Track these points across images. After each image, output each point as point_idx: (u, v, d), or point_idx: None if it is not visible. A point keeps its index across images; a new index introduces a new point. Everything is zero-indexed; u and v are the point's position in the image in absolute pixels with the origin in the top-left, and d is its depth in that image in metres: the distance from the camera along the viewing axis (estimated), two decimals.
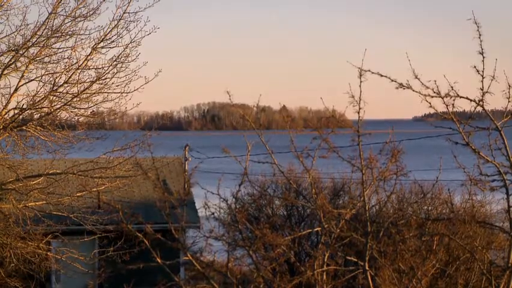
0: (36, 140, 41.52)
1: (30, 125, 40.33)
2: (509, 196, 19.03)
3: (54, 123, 41.06)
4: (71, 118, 41.52)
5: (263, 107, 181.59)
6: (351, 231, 18.73)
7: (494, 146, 18.85)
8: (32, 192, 40.57)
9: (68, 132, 41.87)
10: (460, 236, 20.71)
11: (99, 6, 39.53)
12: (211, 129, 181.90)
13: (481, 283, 18.21)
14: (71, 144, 42.56)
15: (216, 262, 23.07)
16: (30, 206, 40.30)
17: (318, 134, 20.96)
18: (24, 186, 40.54)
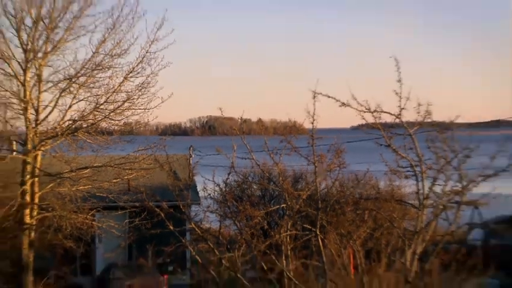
0: (84, 143, 41.78)
1: (80, 132, 40.79)
2: (418, 182, 19.25)
3: (96, 131, 41.48)
4: (109, 127, 42.06)
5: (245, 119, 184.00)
6: (307, 207, 18.87)
7: (407, 147, 19.07)
8: (81, 179, 40.84)
9: (107, 137, 42.30)
10: (383, 210, 20.94)
11: (129, 48, 40.01)
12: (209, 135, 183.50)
13: (398, 243, 18.45)
14: (108, 146, 42.89)
15: (212, 229, 23.35)
16: (80, 189, 40.67)
17: (284, 138, 21.23)
18: (76, 175, 40.79)
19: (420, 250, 18.68)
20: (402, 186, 19.85)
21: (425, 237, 19.09)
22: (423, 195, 19.30)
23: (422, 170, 19.03)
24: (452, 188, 19.00)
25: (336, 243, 18.03)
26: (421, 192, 19.25)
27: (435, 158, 18.99)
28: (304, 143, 20.38)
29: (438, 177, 18.83)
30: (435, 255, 19.11)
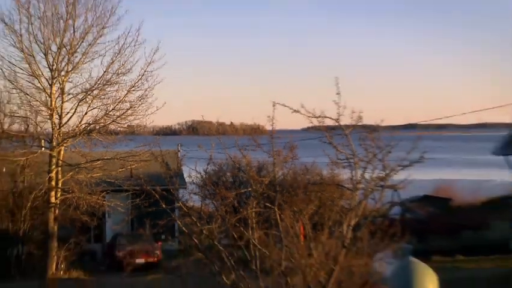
0: (97, 141, 42.48)
1: (93, 132, 41.57)
2: (352, 171, 19.45)
3: (106, 132, 42.29)
4: (116, 129, 43.14)
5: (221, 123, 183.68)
6: (268, 190, 19.00)
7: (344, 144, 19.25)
8: (94, 169, 41.40)
9: (114, 136, 42.99)
10: (326, 192, 21.12)
11: (131, 68, 41.11)
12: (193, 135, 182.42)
13: (337, 217, 18.57)
14: (115, 143, 43.43)
15: (195, 206, 23.41)
16: (93, 176, 41.13)
17: (250, 137, 21.38)
18: (90, 165, 41.28)
19: (353, 222, 18.84)
20: (340, 174, 20.06)
21: (358, 212, 19.28)
22: (356, 180, 19.50)
23: (355, 162, 19.20)
24: (378, 175, 19.20)
25: (290, 217, 18.13)
26: (354, 179, 19.42)
27: (365, 152, 19.20)
28: (266, 141, 20.58)
29: (367, 167, 19.02)
30: (365, 226, 19.30)
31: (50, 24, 40.74)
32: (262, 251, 17.76)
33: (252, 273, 17.55)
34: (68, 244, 40.72)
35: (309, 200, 19.03)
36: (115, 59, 40.59)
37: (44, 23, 40.73)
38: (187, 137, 68.09)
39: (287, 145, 20.32)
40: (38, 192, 39.96)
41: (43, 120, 41.47)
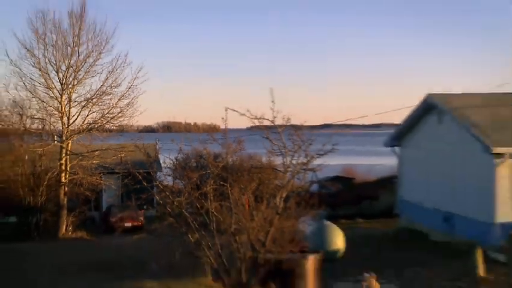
0: (95, 136, 42.64)
1: (93, 130, 41.73)
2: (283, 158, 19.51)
3: (103, 129, 42.37)
4: (110, 127, 43.20)
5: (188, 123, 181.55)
6: (222, 172, 19.00)
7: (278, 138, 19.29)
8: (94, 156, 41.67)
9: (108, 133, 43.27)
10: (264, 173, 21.24)
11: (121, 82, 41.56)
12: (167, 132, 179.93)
13: (272, 191, 18.60)
14: (109, 138, 43.70)
15: (168, 185, 23.38)
16: (93, 162, 41.45)
17: (209, 134, 21.37)
18: (91, 154, 41.55)
19: (284, 195, 18.87)
20: (274, 161, 20.14)
21: (287, 188, 19.31)
22: (286, 165, 19.55)
23: (285, 152, 19.22)
24: (302, 161, 19.24)
25: (237, 192, 18.14)
26: (285, 164, 19.50)
27: (292, 145, 19.22)
28: (220, 136, 20.62)
29: (294, 155, 19.04)
30: (293, 198, 19.32)
31: (60, 50, 41.18)
32: (218, 217, 17.77)
33: (210, 233, 17.56)
34: (74, 212, 40.94)
35: (252, 180, 19.07)
36: (109, 76, 41.63)
37: (56, 49, 41.15)
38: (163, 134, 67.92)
39: (236, 139, 20.35)
40: (52, 174, 40.39)
41: (55, 121, 41.76)
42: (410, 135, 37.90)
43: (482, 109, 31.87)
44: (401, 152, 39.53)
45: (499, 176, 28.11)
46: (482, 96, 34.34)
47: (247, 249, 17.56)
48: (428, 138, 35.52)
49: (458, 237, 30.22)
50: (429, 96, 34.23)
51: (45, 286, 21.91)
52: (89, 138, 42.22)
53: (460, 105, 32.28)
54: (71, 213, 40.65)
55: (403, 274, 25.62)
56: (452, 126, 31.82)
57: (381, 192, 46.51)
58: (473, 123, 30.01)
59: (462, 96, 34.11)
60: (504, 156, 27.75)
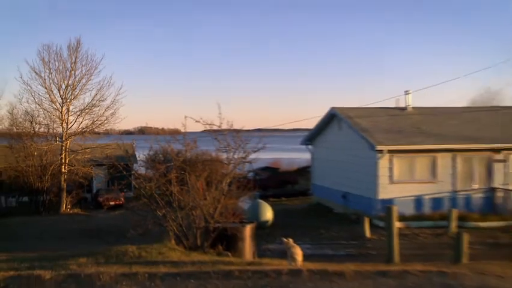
0: (87, 137, 42.06)
1: (86, 133, 41.22)
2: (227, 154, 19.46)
3: (93, 132, 41.85)
4: (98, 131, 42.57)
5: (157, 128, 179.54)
6: (182, 164, 18.83)
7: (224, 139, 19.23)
8: (86, 152, 41.28)
9: (97, 135, 42.75)
10: (213, 165, 21.07)
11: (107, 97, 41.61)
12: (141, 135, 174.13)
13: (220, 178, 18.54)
14: (98, 138, 43.19)
15: (142, 174, 23.09)
16: (86, 157, 40.85)
17: (172, 136, 21.15)
18: (84, 151, 41.14)
19: (228, 181, 18.81)
20: (221, 155, 19.94)
21: (230, 176, 19.25)
22: (229, 159, 19.47)
23: (229, 149, 19.14)
24: (241, 156, 19.19)
25: (194, 179, 18.03)
26: (229, 157, 19.42)
27: (234, 143, 19.12)
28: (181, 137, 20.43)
29: (236, 151, 18.95)
30: (234, 183, 19.26)
31: (61, 73, 41.29)
32: (179, 197, 17.61)
33: (173, 209, 17.39)
34: (72, 194, 40.73)
35: (204, 170, 19.02)
36: (97, 93, 42.23)
37: (58, 72, 41.38)
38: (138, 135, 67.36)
39: (192, 140, 20.18)
40: (55, 166, 40.53)
41: (57, 126, 42.17)
42: (319, 137, 38.26)
43: (369, 118, 32.42)
44: (313, 149, 39.85)
45: (380, 166, 28.79)
46: (369, 109, 34.99)
47: (201, 221, 17.45)
48: (331, 139, 35.96)
49: (352, 210, 30.79)
50: (332, 108, 34.68)
51: (53, 247, 21.57)
52: (82, 139, 42.53)
53: (353, 116, 32.77)
54: (69, 195, 40.71)
55: (314, 235, 25.85)
56: (348, 131, 32.26)
57: (299, 178, 46.91)
58: (363, 128, 30.58)
59: (355, 109, 34.65)
60: (383, 152, 28.52)
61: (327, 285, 11.07)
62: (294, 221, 30.22)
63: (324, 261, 16.47)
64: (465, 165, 29.90)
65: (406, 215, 27.51)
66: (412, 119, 33.54)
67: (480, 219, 27.78)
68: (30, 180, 39.54)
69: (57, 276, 11.81)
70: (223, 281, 11.44)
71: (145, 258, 14.69)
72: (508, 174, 30.23)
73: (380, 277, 11.80)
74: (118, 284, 11.20)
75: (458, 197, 29.76)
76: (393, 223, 17.89)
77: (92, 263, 13.93)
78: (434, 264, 14.73)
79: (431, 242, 23.88)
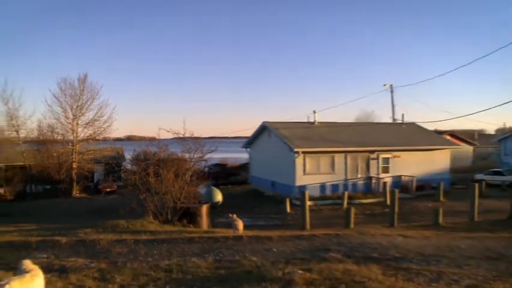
0: (91, 143, 40.79)
1: (89, 140, 39.91)
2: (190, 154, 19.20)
3: (94, 139, 40.60)
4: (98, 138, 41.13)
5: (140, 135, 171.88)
6: (157, 162, 18.50)
7: (187, 144, 18.99)
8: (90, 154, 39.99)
9: (97, 141, 41.46)
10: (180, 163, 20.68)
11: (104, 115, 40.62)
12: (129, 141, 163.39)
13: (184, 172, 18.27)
14: (98, 144, 41.95)
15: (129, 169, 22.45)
16: (89, 157, 39.61)
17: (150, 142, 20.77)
18: (88, 153, 39.92)
19: (190, 174, 18.54)
20: (185, 155, 19.60)
21: (192, 170, 19.01)
22: (191, 157, 19.24)
23: (191, 150, 18.89)
24: (199, 155, 18.97)
25: (166, 172, 17.68)
26: (190, 157, 19.19)
27: (195, 147, 18.88)
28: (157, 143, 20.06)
29: (195, 152, 18.73)
30: (195, 175, 19.02)
31: (73, 98, 40.38)
32: (155, 185, 17.29)
33: (151, 194, 17.06)
34: (80, 183, 39.68)
35: (173, 165, 18.59)
36: (98, 111, 41.02)
37: (71, 97, 40.49)
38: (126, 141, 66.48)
39: (165, 144, 19.87)
40: (68, 163, 39.34)
41: (70, 135, 41.03)
42: (255, 142, 38.18)
43: (289, 129, 32.52)
44: (250, 151, 39.71)
45: (297, 163, 28.88)
46: (289, 123, 35.09)
47: (171, 202, 17.16)
48: (264, 144, 35.93)
49: (278, 193, 30.73)
50: (263, 122, 34.69)
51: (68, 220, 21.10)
52: (87, 144, 41.54)
53: (279, 127, 32.86)
54: (78, 184, 39.64)
55: (252, 211, 25.75)
56: (275, 138, 32.31)
57: (241, 171, 46.57)
58: (285, 136, 30.68)
59: (280, 123, 34.67)
60: (299, 153, 28.67)
61: (260, 245, 11.06)
62: (237, 202, 30.04)
63: (258, 229, 16.53)
64: (353, 161, 30.52)
65: (315, 196, 27.79)
66: (318, 130, 33.89)
67: (362, 198, 28.51)
68: (51, 173, 38.55)
69: (70, 241, 11.94)
70: (187, 244, 11.42)
71: (132, 229, 14.63)
72: (379, 167, 31.14)
73: (297, 239, 11.88)
74: (113, 247, 11.18)
75: (349, 183, 30.35)
76: (306, 202, 18.04)
77: (94, 232, 13.94)
78: (332, 229, 15.03)
79: (331, 215, 24.15)
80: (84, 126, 41.48)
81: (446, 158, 33.10)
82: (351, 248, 10.38)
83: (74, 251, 10.79)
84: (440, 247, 10.64)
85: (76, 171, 40.00)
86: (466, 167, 47.23)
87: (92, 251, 10.74)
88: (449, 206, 24.34)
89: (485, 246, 10.93)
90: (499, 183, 34.09)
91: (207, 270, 8.28)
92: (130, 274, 8.17)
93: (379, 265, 8.34)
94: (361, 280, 7.07)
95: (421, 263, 8.62)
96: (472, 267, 8.32)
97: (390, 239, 11.81)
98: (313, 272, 7.65)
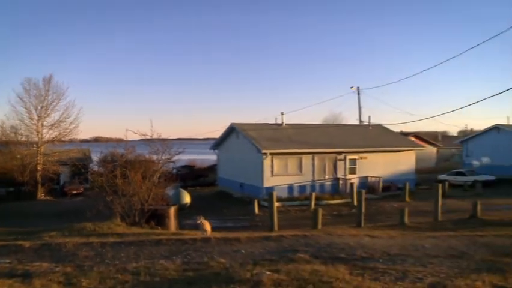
0: (56, 144, 39.82)
1: (55, 141, 38.93)
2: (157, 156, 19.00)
3: (60, 141, 39.55)
4: (64, 140, 40.04)
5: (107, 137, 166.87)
6: (124, 163, 18.24)
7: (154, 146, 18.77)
8: (55, 155, 39.01)
9: (63, 142, 40.47)
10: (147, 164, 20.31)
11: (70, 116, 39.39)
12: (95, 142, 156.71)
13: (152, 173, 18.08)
14: (63, 145, 41.00)
15: (96, 170, 22.03)
16: (54, 158, 38.57)
17: (117, 143, 20.48)
18: (53, 154, 38.89)
19: (158, 175, 18.37)
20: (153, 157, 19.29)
21: (160, 171, 18.81)
22: (159, 159, 19.04)
23: (158, 152, 18.71)
24: (167, 157, 18.80)
25: (133, 174, 17.46)
26: (158, 158, 19.02)
27: (162, 148, 18.72)
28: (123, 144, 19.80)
29: (163, 154, 18.56)
30: (163, 177, 18.85)
31: (38, 98, 39.31)
32: (122, 187, 17.04)
33: (119, 196, 16.81)
34: (45, 185, 38.70)
35: (140, 167, 18.31)
36: (64, 112, 40.04)
37: (35, 97, 39.48)
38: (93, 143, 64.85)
39: (132, 146, 19.61)
40: (32, 165, 38.27)
41: (34, 136, 39.82)
42: (223, 144, 38.10)
43: (257, 131, 32.61)
44: (218, 153, 39.61)
45: (265, 164, 29.04)
46: (257, 125, 35.15)
47: (138, 204, 16.94)
48: (232, 145, 35.89)
49: (246, 195, 30.74)
50: (232, 124, 34.64)
51: (32, 222, 20.57)
52: (53, 146, 40.64)
53: (246, 129, 32.91)
54: (43, 186, 38.72)
55: (220, 213, 25.68)
56: (243, 139, 32.32)
57: (209, 173, 46.19)
58: (253, 138, 30.74)
59: (248, 124, 34.68)
60: (267, 154, 28.83)
61: (228, 247, 11.01)
62: (206, 203, 29.90)
63: (226, 231, 16.47)
64: (320, 163, 30.79)
65: (282, 198, 27.93)
66: (286, 131, 34.08)
67: (329, 199, 28.81)
68: (14, 175, 37.16)
69: (34, 245, 11.59)
70: (155, 246, 11.28)
71: (99, 231, 14.35)
72: (346, 169, 31.52)
73: (265, 240, 11.88)
74: (79, 250, 10.87)
75: (316, 184, 30.61)
76: (274, 203, 18.09)
77: (60, 235, 13.59)
78: (300, 230, 15.11)
79: (299, 216, 24.31)
80: (49, 128, 40.40)
81: (411, 159, 33.80)
82: (319, 249, 10.44)
83: (38, 256, 10.45)
84: (405, 246, 10.84)
85: (41, 173, 38.94)
86: (430, 167, 48.39)
87: (58, 255, 10.45)
88: (414, 206, 24.86)
89: (449, 245, 11.22)
90: (461, 184, 35.02)
91: (175, 273, 8.20)
92: (96, 278, 8.00)
93: (346, 265, 8.43)
94: (328, 280, 7.12)
95: (387, 263, 8.75)
96: (436, 265, 8.50)
97: (357, 239, 11.94)
98: (281, 272, 7.66)
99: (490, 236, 13.07)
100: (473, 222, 18.02)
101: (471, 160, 43.88)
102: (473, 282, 6.98)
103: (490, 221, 18.41)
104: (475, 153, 43.94)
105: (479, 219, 18.88)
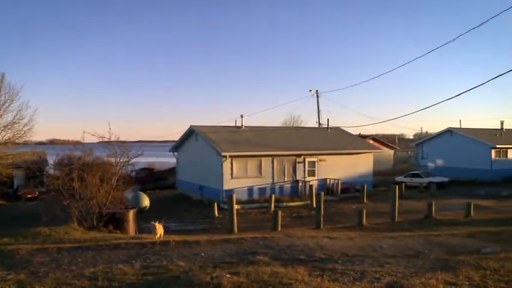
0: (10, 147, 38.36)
1: (8, 143, 37.17)
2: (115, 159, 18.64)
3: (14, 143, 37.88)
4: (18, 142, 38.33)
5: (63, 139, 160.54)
6: (82, 166, 17.84)
7: (112, 148, 18.43)
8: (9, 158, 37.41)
9: (17, 145, 38.82)
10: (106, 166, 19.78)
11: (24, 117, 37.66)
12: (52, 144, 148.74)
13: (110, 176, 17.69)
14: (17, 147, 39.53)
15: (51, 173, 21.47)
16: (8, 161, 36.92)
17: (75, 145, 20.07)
18: (7, 157, 37.25)
19: (116, 178, 18.03)
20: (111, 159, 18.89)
21: (118, 174, 18.44)
22: (117, 162, 18.67)
23: (117, 154, 18.36)
24: (126, 159, 18.50)
25: (91, 177, 17.09)
26: (116, 161, 18.62)
27: (120, 151, 18.37)
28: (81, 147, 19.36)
29: (122, 156, 18.27)
30: (121, 180, 18.55)
31: None
32: (80, 191, 16.65)
33: (76, 200, 16.41)
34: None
35: (98, 170, 17.93)
36: (17, 113, 38.16)
37: None
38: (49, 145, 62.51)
39: (89, 148, 19.22)
40: None
41: None
42: (182, 146, 37.78)
43: (216, 133, 32.52)
44: (178, 155, 39.23)
45: (224, 166, 29.01)
46: (216, 127, 35.13)
47: (96, 208, 16.58)
48: (191, 147, 35.64)
49: (206, 197, 30.58)
50: (191, 126, 34.38)
51: None
52: (5, 148, 39.19)
53: (206, 131, 32.76)
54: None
55: (179, 216, 25.47)
56: (202, 142, 32.17)
57: (168, 176, 45.62)
58: (212, 140, 30.64)
59: (207, 126, 34.55)
60: (226, 157, 28.84)
61: (188, 250, 10.92)
62: (165, 206, 29.57)
63: (186, 234, 16.36)
64: (279, 165, 31.00)
65: (242, 200, 27.97)
66: (246, 134, 34.13)
67: (289, 201, 29.01)
68: None
69: None
70: (113, 251, 11.07)
71: (55, 236, 13.93)
72: (305, 171, 31.85)
73: (225, 243, 11.85)
74: (34, 256, 10.50)
75: (276, 186, 30.79)
76: (234, 206, 18.08)
77: (13, 241, 13.06)
78: (260, 232, 15.16)
79: (259, 218, 24.38)
80: (2, 129, 39.00)
81: (369, 162, 34.48)
82: (279, 251, 10.48)
83: None
84: (363, 247, 11.03)
85: None
86: (388, 169, 49.54)
87: (10, 262, 10.05)
88: (372, 208, 25.39)
89: (405, 245, 11.51)
90: (417, 185, 36.06)
91: (133, 277, 8.04)
92: (52, 284, 7.74)
93: (306, 266, 8.48)
94: (288, 282, 7.14)
95: (346, 263, 8.86)
96: (393, 265, 8.66)
97: (316, 241, 12.07)
98: (241, 275, 7.64)
99: (444, 235, 13.54)
100: (428, 222, 18.68)
101: (426, 162, 45.23)
102: (427, 281, 7.14)
103: (444, 220, 19.21)
104: (430, 156, 45.29)
105: (434, 219, 19.61)
